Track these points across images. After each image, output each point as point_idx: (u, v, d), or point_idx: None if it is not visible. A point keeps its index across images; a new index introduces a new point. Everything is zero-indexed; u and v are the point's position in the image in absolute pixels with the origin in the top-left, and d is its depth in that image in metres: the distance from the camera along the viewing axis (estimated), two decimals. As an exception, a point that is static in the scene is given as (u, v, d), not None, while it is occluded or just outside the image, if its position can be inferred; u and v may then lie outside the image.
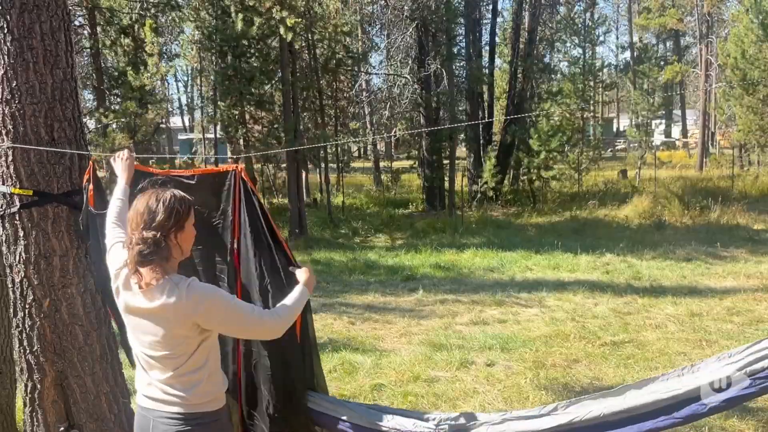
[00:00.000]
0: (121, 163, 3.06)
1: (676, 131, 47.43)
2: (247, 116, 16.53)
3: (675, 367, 5.84)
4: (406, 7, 19.58)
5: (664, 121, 44.01)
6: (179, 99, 51.36)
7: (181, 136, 41.80)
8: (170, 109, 35.17)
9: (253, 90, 15.91)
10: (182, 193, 2.39)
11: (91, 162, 3.26)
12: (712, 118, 34.96)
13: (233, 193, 3.14)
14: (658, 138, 38.43)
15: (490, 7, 23.96)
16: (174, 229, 2.30)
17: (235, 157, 17.48)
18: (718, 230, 14.25)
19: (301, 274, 2.78)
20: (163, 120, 23.53)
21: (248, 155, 15.82)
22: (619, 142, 43.82)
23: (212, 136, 23.57)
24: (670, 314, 7.66)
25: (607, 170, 27.85)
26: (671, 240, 13.24)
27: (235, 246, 3.17)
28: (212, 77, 18.43)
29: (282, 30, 14.67)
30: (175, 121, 46.62)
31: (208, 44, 17.28)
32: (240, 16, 15.47)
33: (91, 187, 3.18)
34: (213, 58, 18.14)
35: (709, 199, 17.13)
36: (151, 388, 2.43)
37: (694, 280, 9.69)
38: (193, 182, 3.19)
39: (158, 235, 2.25)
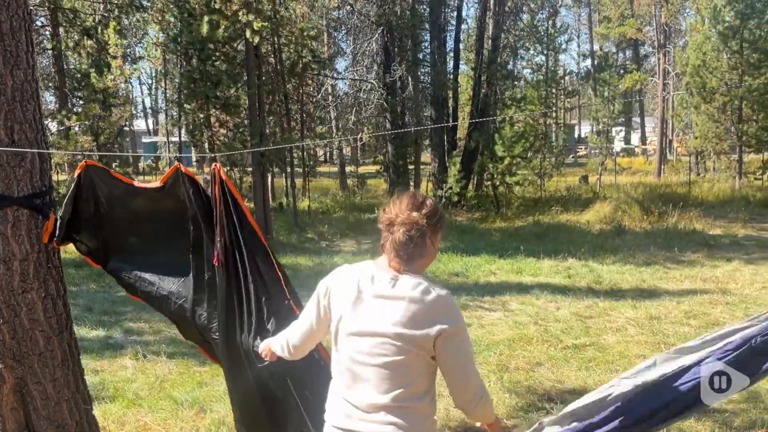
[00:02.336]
0: None
1: (635, 138, 48.43)
2: (213, 119, 16.37)
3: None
4: (372, 13, 19.69)
5: (624, 128, 44.90)
6: (143, 101, 50.84)
7: (145, 139, 41.34)
8: (134, 112, 34.70)
9: (218, 93, 15.76)
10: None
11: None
12: (669, 125, 35.80)
13: (213, 192, 2.97)
14: (618, 145, 39.15)
15: (455, 13, 24.16)
16: (433, 228, 2.16)
17: (201, 155, 17.34)
18: (675, 235, 14.56)
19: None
20: (127, 123, 23.22)
21: (213, 155, 15.68)
22: (581, 148, 44.57)
23: (177, 139, 23.32)
24: (629, 318, 7.81)
25: (569, 176, 28.30)
26: (631, 245, 13.50)
27: (218, 247, 2.99)
28: (177, 80, 18.26)
29: (248, 33, 14.61)
30: (139, 124, 46.11)
31: (173, 47, 17.10)
32: (206, 18, 15.34)
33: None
34: (178, 60, 17.97)
35: (668, 204, 17.51)
36: (356, 410, 2.14)
37: (653, 284, 9.89)
38: (163, 191, 3.13)
39: (423, 223, 2.11)
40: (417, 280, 2.10)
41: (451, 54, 23.73)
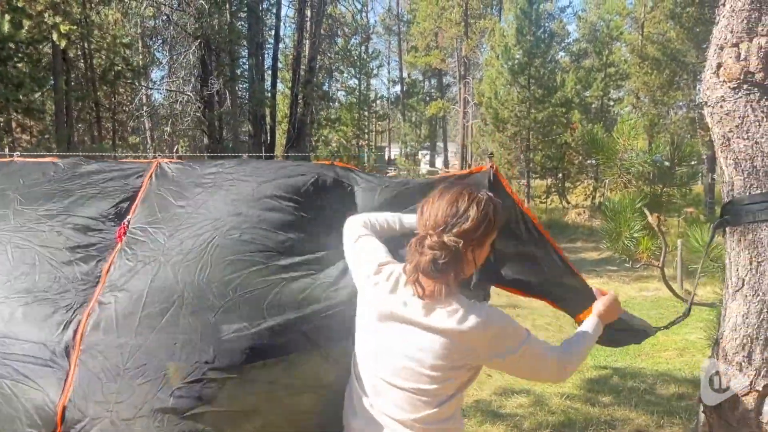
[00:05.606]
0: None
1: (439, 162, 51.73)
2: (14, 124, 15.33)
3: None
4: (189, 25, 19.50)
5: (429, 151, 47.89)
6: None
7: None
8: None
9: (21, 97, 14.79)
10: (498, 200, 1.91)
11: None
12: (469, 151, 38.86)
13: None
14: (424, 167, 41.69)
15: (273, 32, 24.62)
16: (476, 242, 1.84)
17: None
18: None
19: (602, 300, 2.18)
20: None
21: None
22: (391, 169, 46.69)
23: (-33, 144, 21.25)
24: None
25: (380, 195, 29.60)
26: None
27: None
28: (-28, 80, 16.77)
29: (55, 36, 13.99)
30: None
31: (-32, 44, 15.75)
32: (7, 17, 14.39)
33: None
34: (-26, 59, 16.52)
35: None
36: (380, 420, 1.91)
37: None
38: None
39: (460, 245, 1.79)
40: (450, 305, 1.83)
41: (269, 72, 24.13)
